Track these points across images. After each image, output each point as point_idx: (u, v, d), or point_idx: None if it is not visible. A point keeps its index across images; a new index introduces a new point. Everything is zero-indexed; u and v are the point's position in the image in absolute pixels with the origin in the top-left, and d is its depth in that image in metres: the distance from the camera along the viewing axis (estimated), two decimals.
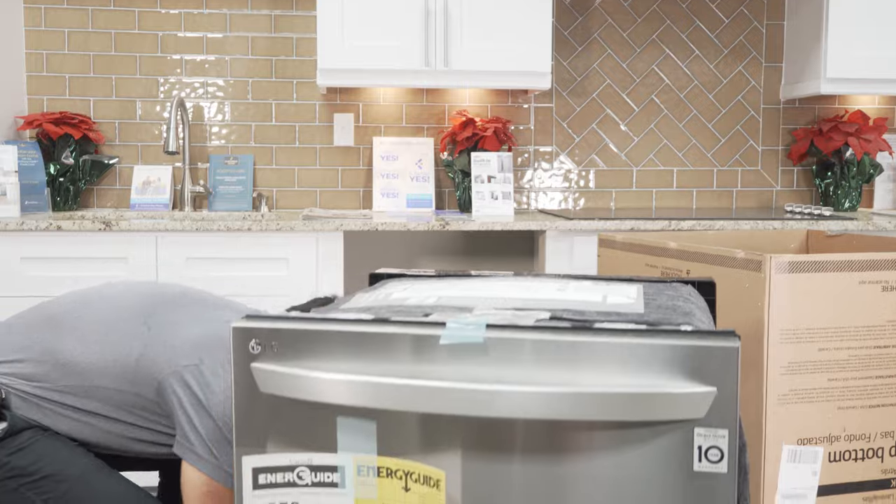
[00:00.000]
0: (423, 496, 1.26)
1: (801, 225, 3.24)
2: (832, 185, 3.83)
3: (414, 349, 1.28)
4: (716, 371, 1.20)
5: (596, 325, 1.26)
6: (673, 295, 1.58)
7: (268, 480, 1.31)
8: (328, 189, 3.77)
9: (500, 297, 1.50)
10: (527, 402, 1.21)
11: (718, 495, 1.21)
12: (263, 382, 1.32)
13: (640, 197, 3.92)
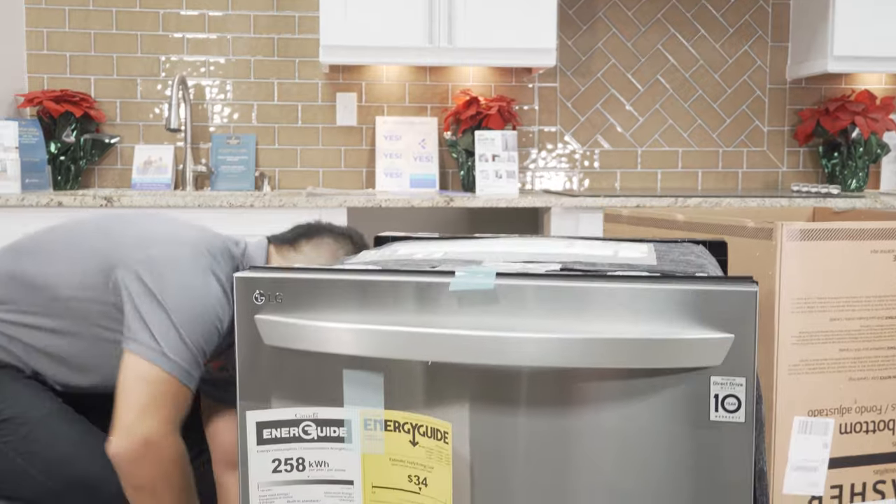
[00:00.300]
0: (431, 450, 1.23)
1: (808, 203, 3.21)
2: (839, 166, 3.80)
3: (422, 298, 1.24)
4: (733, 317, 1.16)
5: (609, 273, 1.23)
6: (684, 251, 1.56)
7: (272, 435, 1.29)
8: (331, 169, 3.74)
9: (509, 251, 1.47)
10: (538, 349, 1.17)
11: (736, 445, 1.18)
12: (267, 334, 1.29)
13: (644, 178, 3.89)
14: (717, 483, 1.19)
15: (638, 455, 1.21)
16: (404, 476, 1.26)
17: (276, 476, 1.29)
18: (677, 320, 1.18)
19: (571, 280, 1.21)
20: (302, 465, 1.29)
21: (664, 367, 1.18)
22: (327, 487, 1.28)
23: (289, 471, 1.29)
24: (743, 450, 1.18)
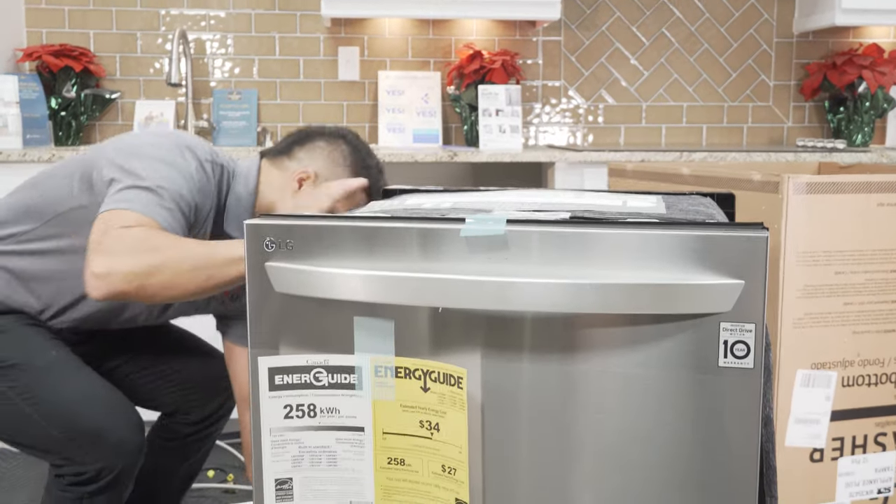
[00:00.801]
0: (443, 396, 1.24)
1: (813, 157, 3.19)
2: (844, 121, 3.77)
3: (431, 245, 1.24)
4: (743, 263, 1.15)
5: (619, 221, 1.22)
6: (693, 203, 1.55)
7: (284, 381, 1.29)
8: (333, 124, 3.71)
9: (519, 201, 1.46)
10: (547, 294, 1.17)
11: (744, 391, 1.17)
12: (278, 281, 1.28)
13: (648, 133, 3.87)
14: (724, 428, 1.19)
15: (646, 400, 1.21)
16: (415, 422, 1.26)
17: (289, 422, 1.29)
18: (687, 266, 1.17)
19: (580, 226, 1.20)
20: (313, 412, 1.29)
21: (673, 313, 1.17)
22: (338, 434, 1.29)
23: (300, 417, 1.29)
24: (751, 396, 1.17)
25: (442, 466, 1.26)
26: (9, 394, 1.73)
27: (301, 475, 1.31)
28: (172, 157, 1.66)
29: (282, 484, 1.31)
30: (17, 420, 1.74)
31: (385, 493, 1.30)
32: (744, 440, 1.18)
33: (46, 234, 1.76)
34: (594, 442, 1.23)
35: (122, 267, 1.44)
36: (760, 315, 1.16)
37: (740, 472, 1.19)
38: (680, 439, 1.21)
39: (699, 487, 1.21)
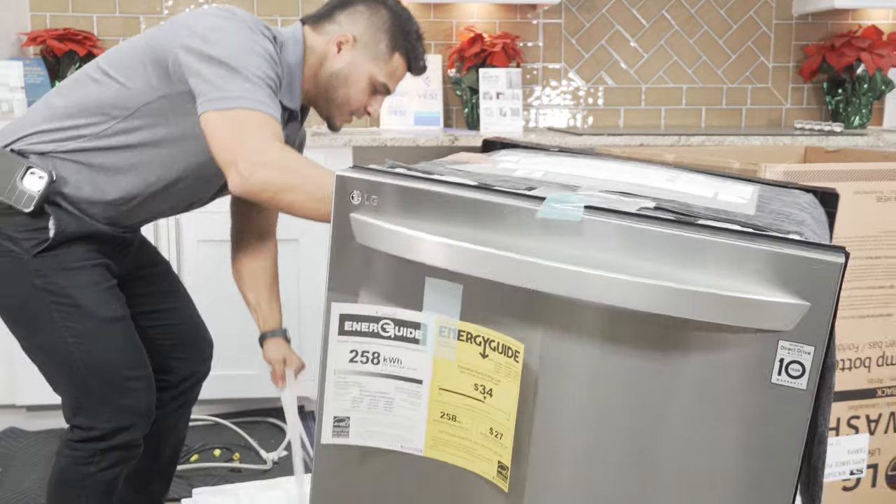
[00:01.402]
0: (500, 365, 1.28)
1: (810, 141, 3.22)
2: (843, 103, 3.80)
3: (510, 220, 1.26)
4: (813, 285, 1.13)
5: (699, 221, 1.21)
6: (789, 201, 1.50)
7: (353, 328, 1.35)
8: None
9: (609, 179, 1.46)
10: (611, 288, 1.18)
11: (792, 410, 1.17)
12: (360, 233, 1.33)
13: (648, 115, 3.90)
14: (767, 443, 1.20)
15: (694, 404, 1.22)
16: (471, 384, 1.31)
17: (352, 366, 1.36)
18: (758, 280, 1.16)
19: (657, 224, 1.20)
20: (377, 360, 1.35)
21: (734, 325, 1.17)
22: (398, 383, 1.35)
23: (364, 363, 1.36)
24: (798, 416, 1.17)
25: (490, 429, 1.32)
26: (64, 333, 1.78)
27: (358, 415, 1.38)
28: (250, 40, 1.69)
29: (339, 421, 1.39)
30: (61, 359, 1.81)
31: (434, 444, 1.37)
32: (786, 456, 1.19)
33: (130, 128, 1.77)
34: (634, 435, 1.25)
35: (265, 175, 1.55)
36: (823, 338, 1.14)
37: (777, 488, 1.20)
38: (721, 447, 1.21)
39: (733, 496, 1.22)
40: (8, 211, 1.74)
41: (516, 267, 1.22)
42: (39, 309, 1.78)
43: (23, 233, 1.75)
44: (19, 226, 1.75)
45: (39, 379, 3.00)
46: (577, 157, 1.71)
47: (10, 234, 1.75)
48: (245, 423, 3.16)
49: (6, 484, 2.69)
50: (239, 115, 1.62)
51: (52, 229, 1.75)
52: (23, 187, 1.73)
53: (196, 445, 2.95)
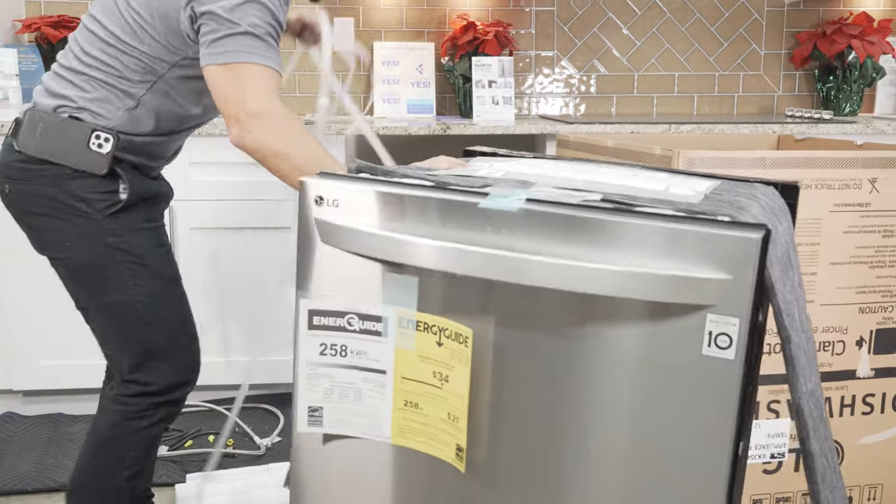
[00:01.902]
0: (453, 351, 1.36)
1: (800, 128, 3.24)
2: (834, 90, 3.82)
3: (461, 216, 1.35)
4: (734, 261, 1.22)
5: (636, 209, 1.29)
6: (744, 192, 1.56)
7: (321, 323, 1.44)
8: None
9: (567, 177, 1.55)
10: (545, 272, 1.28)
11: (724, 380, 1.25)
12: (323, 234, 1.43)
13: (641, 102, 3.91)
14: (702, 412, 1.27)
15: (633, 378, 1.30)
16: (430, 372, 1.39)
17: (323, 358, 1.45)
18: (684, 258, 1.25)
19: (594, 212, 1.29)
20: (344, 352, 1.44)
21: (664, 301, 1.25)
22: (364, 374, 1.44)
23: (333, 355, 1.44)
24: (730, 384, 1.25)
25: (448, 414, 1.40)
26: (133, 291, 1.90)
27: (330, 405, 1.47)
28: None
29: (314, 411, 1.48)
30: (128, 317, 1.91)
31: (400, 431, 1.45)
32: (720, 421, 1.26)
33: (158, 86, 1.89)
34: (577, 412, 1.34)
35: (260, 137, 1.70)
36: (747, 310, 1.23)
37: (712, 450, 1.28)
38: (661, 419, 1.29)
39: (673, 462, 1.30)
40: (80, 174, 1.84)
41: (462, 257, 1.32)
42: (111, 267, 1.88)
43: (95, 194, 1.86)
44: (91, 188, 1.85)
45: (35, 364, 3.03)
46: (548, 161, 1.79)
47: (82, 196, 1.85)
48: (242, 411, 3.18)
49: (2, 468, 2.72)
50: (240, 69, 1.72)
51: (125, 190, 1.87)
52: (92, 152, 1.83)
53: (191, 431, 2.98)
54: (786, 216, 1.62)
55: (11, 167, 1.89)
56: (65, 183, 1.85)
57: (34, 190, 1.87)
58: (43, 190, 1.86)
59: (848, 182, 2.13)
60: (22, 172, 1.88)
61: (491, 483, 1.41)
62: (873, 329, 2.23)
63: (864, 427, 2.27)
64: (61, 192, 1.85)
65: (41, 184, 1.86)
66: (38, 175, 1.86)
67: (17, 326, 3.08)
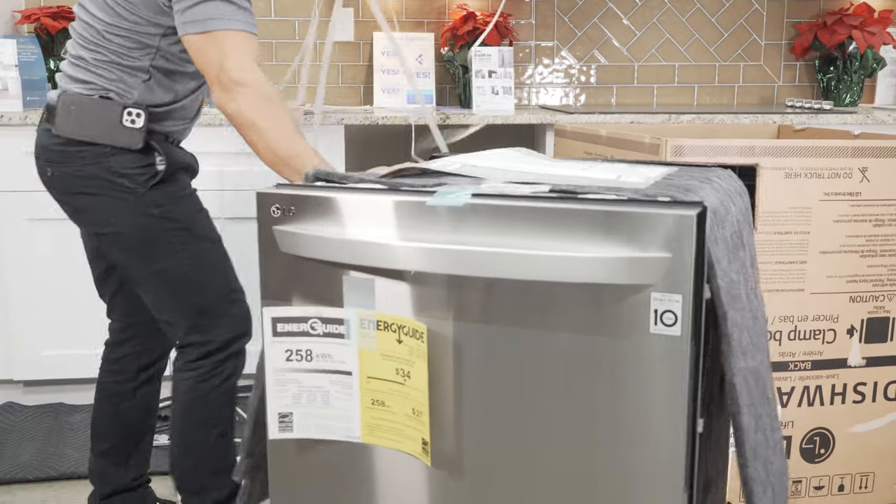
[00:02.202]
0: (412, 348, 1.40)
1: (800, 119, 3.24)
2: (834, 80, 3.82)
3: (410, 215, 1.39)
4: (672, 239, 1.26)
5: (579, 197, 1.34)
6: (698, 177, 1.61)
7: (285, 329, 1.46)
8: (328, 85, 3.75)
9: (525, 171, 1.58)
10: (493, 262, 1.33)
11: (672, 356, 1.29)
12: (282, 243, 1.46)
13: (641, 93, 3.91)
14: (653, 388, 1.31)
15: (584, 361, 1.34)
16: (393, 369, 1.42)
17: (289, 364, 1.47)
18: (624, 240, 1.29)
19: (537, 202, 1.33)
20: (310, 357, 1.46)
21: (610, 283, 1.29)
22: (331, 377, 1.46)
23: (299, 360, 1.47)
24: (679, 360, 1.29)
25: (412, 410, 1.42)
26: (181, 256, 1.99)
27: (300, 410, 1.49)
28: None
29: (283, 417, 1.50)
30: (178, 281, 2.01)
31: (370, 430, 1.47)
32: (673, 398, 1.30)
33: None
34: (537, 397, 1.38)
35: (243, 107, 1.80)
36: (688, 287, 1.26)
37: (670, 428, 1.31)
38: (617, 398, 1.33)
39: (630, 439, 1.34)
40: (118, 151, 1.93)
41: (413, 254, 1.37)
42: (158, 236, 1.97)
43: (134, 169, 1.95)
44: (130, 163, 1.94)
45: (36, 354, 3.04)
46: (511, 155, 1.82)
47: (122, 172, 1.94)
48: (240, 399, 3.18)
49: (4, 458, 2.73)
50: (220, 36, 1.81)
51: (162, 162, 1.97)
52: (126, 128, 1.92)
53: None
54: (742, 198, 1.66)
55: (51, 151, 1.96)
56: (104, 161, 1.93)
57: (75, 171, 1.95)
58: (84, 170, 1.94)
59: (838, 171, 2.13)
60: (62, 155, 1.95)
61: (458, 475, 1.45)
62: (864, 318, 2.23)
63: (855, 416, 2.28)
64: (102, 170, 1.93)
65: (82, 164, 1.94)
66: (77, 157, 1.94)
67: (19, 316, 3.09)
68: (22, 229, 3.04)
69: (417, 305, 1.41)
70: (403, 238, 1.39)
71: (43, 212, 3.04)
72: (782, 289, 2.21)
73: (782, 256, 2.18)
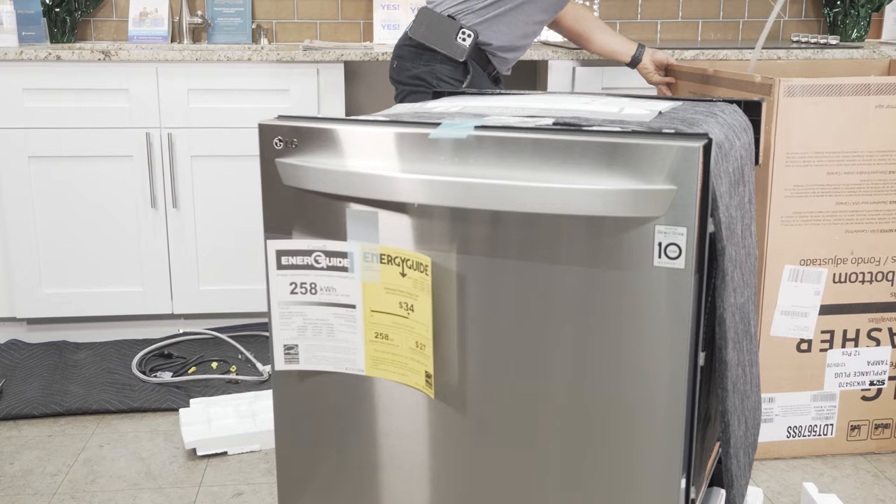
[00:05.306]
0: (416, 281, 1.40)
1: (805, 54, 3.20)
2: (840, 15, 3.76)
3: (414, 148, 1.39)
4: (677, 171, 1.25)
5: (583, 128, 1.32)
6: (703, 111, 1.60)
7: (289, 262, 1.47)
8: (328, 21, 3.70)
9: (524, 107, 1.57)
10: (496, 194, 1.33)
11: (676, 289, 1.29)
12: (285, 175, 1.46)
13: (644, 28, 3.86)
14: (658, 320, 1.31)
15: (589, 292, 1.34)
16: (396, 302, 1.43)
17: (294, 297, 1.48)
18: (628, 172, 1.28)
19: (541, 133, 1.32)
20: (314, 290, 1.47)
21: (614, 215, 1.29)
22: (335, 310, 1.47)
23: (303, 293, 1.48)
24: (683, 293, 1.29)
25: (416, 342, 1.43)
26: None
27: (305, 342, 1.51)
28: None
29: (289, 349, 1.52)
30: None
31: (373, 363, 1.48)
32: (676, 331, 1.31)
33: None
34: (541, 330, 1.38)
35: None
36: (693, 220, 1.26)
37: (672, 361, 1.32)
38: (620, 330, 1.34)
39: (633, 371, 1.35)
40: (447, 60, 2.44)
41: (416, 186, 1.36)
42: None
43: (449, 78, 2.44)
44: (449, 72, 2.45)
45: (38, 292, 3.04)
46: (511, 96, 1.80)
47: (442, 77, 2.44)
48: (242, 337, 3.20)
49: (9, 394, 2.74)
50: None
51: (468, 80, 2.44)
52: (457, 43, 2.41)
53: (193, 358, 3.00)
54: (746, 132, 1.66)
55: (403, 48, 2.52)
56: (433, 65, 2.44)
57: (412, 67, 2.48)
58: (417, 70, 2.46)
59: None
60: (408, 52, 2.50)
61: (461, 407, 1.45)
62: None
63: None
64: (428, 72, 2.44)
65: (417, 63, 2.46)
66: (418, 57, 2.47)
67: (19, 254, 3.08)
68: (20, 167, 3.02)
69: (421, 238, 1.40)
70: (407, 170, 1.38)
71: (42, 149, 3.02)
72: (893, 229, 2.22)
73: (894, 195, 2.19)
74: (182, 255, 3.15)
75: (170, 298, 3.18)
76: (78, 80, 3.01)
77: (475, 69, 2.44)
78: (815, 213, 2.18)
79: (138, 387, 2.80)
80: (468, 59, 2.42)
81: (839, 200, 2.19)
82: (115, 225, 3.12)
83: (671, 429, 1.33)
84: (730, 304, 1.39)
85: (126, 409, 2.65)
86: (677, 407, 1.32)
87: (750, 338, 1.55)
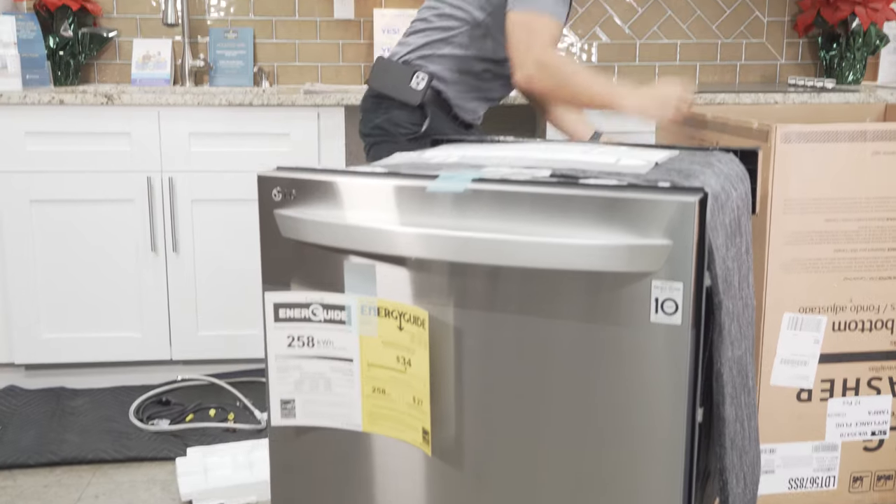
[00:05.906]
0: (413, 335, 1.39)
1: (801, 98, 3.22)
2: (837, 58, 3.79)
3: (410, 200, 1.39)
4: (673, 225, 1.25)
5: (580, 182, 1.32)
6: (700, 161, 1.59)
7: (287, 315, 1.46)
8: (329, 64, 3.73)
9: (520, 157, 1.57)
10: (492, 249, 1.32)
11: (673, 345, 1.28)
12: (284, 227, 1.46)
13: (643, 71, 3.89)
14: (655, 377, 1.31)
15: (587, 348, 1.33)
16: (393, 357, 1.42)
17: (291, 350, 1.47)
18: (624, 227, 1.28)
19: (538, 187, 1.32)
20: (311, 343, 1.46)
21: (610, 271, 1.28)
22: (332, 363, 1.46)
23: (300, 346, 1.47)
24: (680, 350, 1.28)
25: (413, 398, 1.42)
26: None
27: (302, 397, 1.49)
28: None
29: (286, 403, 1.50)
30: None
31: (370, 418, 1.47)
32: (675, 389, 1.30)
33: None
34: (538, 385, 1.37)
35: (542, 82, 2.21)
36: (689, 275, 1.25)
37: (670, 418, 1.31)
38: (618, 387, 1.33)
39: (630, 428, 1.34)
40: (402, 106, 2.40)
41: (414, 240, 1.36)
42: None
43: (407, 123, 2.40)
44: (406, 118, 2.41)
45: (37, 337, 3.03)
46: (509, 144, 1.81)
47: (399, 123, 2.41)
48: (240, 384, 3.19)
49: (5, 441, 2.73)
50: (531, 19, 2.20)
51: (426, 124, 2.39)
52: (410, 88, 2.38)
53: (191, 405, 2.98)
54: (743, 182, 1.65)
55: (365, 100, 2.51)
56: (391, 112, 2.41)
57: (373, 117, 2.46)
58: (378, 120, 2.44)
59: None
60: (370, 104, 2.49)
61: (458, 464, 1.44)
62: None
63: None
64: (386, 120, 2.42)
65: (378, 113, 2.44)
66: (377, 106, 2.45)
67: (19, 299, 3.08)
68: (22, 210, 3.03)
69: (419, 292, 1.40)
70: (405, 223, 1.38)
71: (44, 192, 3.03)
72: (892, 276, 2.21)
73: (893, 242, 2.19)
74: (181, 299, 3.15)
75: (168, 344, 3.17)
76: (81, 123, 3.03)
77: (434, 113, 2.40)
78: (814, 261, 2.18)
79: (135, 435, 2.78)
80: (425, 104, 2.38)
81: (837, 247, 2.18)
82: (116, 268, 3.12)
83: (670, 486, 1.32)
84: (727, 358, 1.38)
85: (122, 459, 2.64)
86: (675, 464, 1.32)
87: (748, 391, 1.55)
